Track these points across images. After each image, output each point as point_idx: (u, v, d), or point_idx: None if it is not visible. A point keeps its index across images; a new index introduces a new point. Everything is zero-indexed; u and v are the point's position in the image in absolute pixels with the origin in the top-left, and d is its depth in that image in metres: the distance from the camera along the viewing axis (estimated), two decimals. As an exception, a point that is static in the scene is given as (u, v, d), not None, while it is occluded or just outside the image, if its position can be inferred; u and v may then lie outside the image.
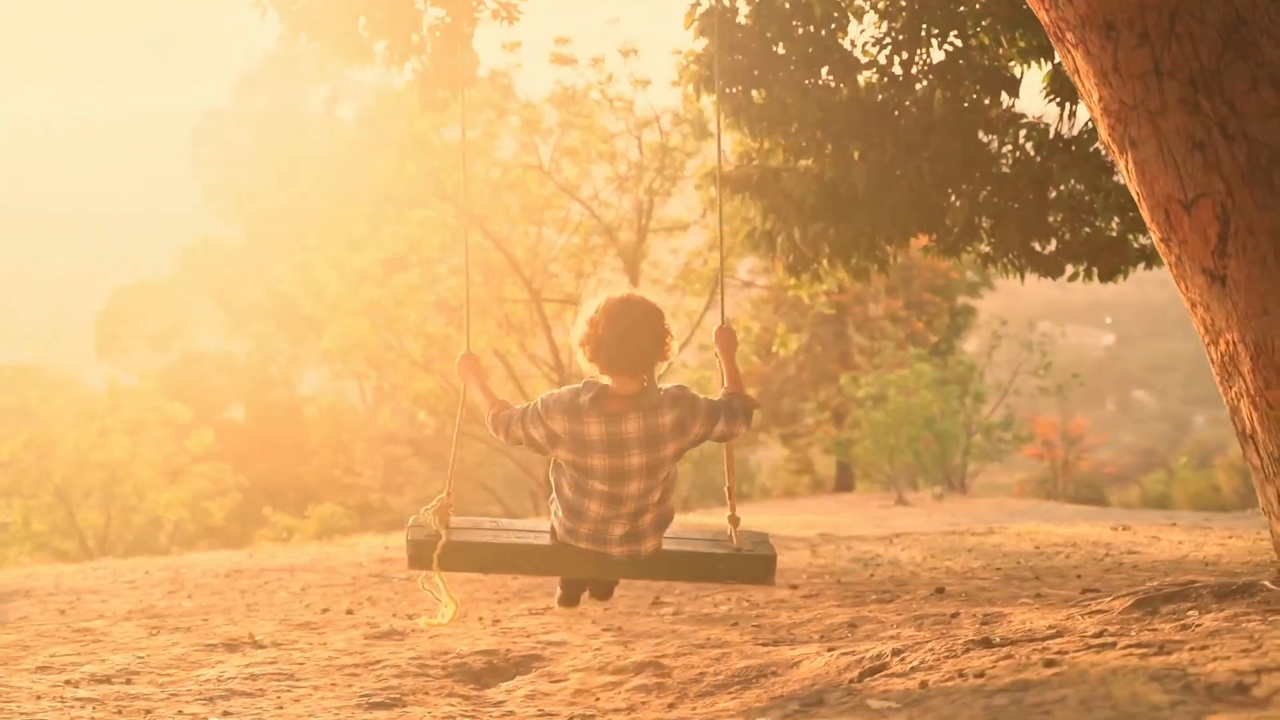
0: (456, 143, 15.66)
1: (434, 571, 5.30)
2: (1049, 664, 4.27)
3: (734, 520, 5.48)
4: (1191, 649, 4.25)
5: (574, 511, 5.19)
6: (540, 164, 15.79)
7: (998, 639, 5.64)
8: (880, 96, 10.63)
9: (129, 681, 5.78)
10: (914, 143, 10.40)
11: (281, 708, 5.33)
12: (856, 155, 10.48)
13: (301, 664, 6.22)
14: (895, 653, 5.81)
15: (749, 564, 5.38)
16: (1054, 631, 5.99)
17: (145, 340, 53.68)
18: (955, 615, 6.80)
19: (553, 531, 5.34)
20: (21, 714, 5.03)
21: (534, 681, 6.07)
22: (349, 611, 8.24)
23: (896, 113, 10.53)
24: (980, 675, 4.44)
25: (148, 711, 5.12)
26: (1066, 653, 4.64)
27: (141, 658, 6.28)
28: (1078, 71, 6.22)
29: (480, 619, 7.62)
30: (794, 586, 8.98)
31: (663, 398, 5.04)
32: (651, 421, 5.01)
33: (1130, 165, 6.13)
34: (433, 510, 5.32)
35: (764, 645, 6.49)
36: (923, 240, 11.51)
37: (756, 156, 10.68)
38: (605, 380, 5.02)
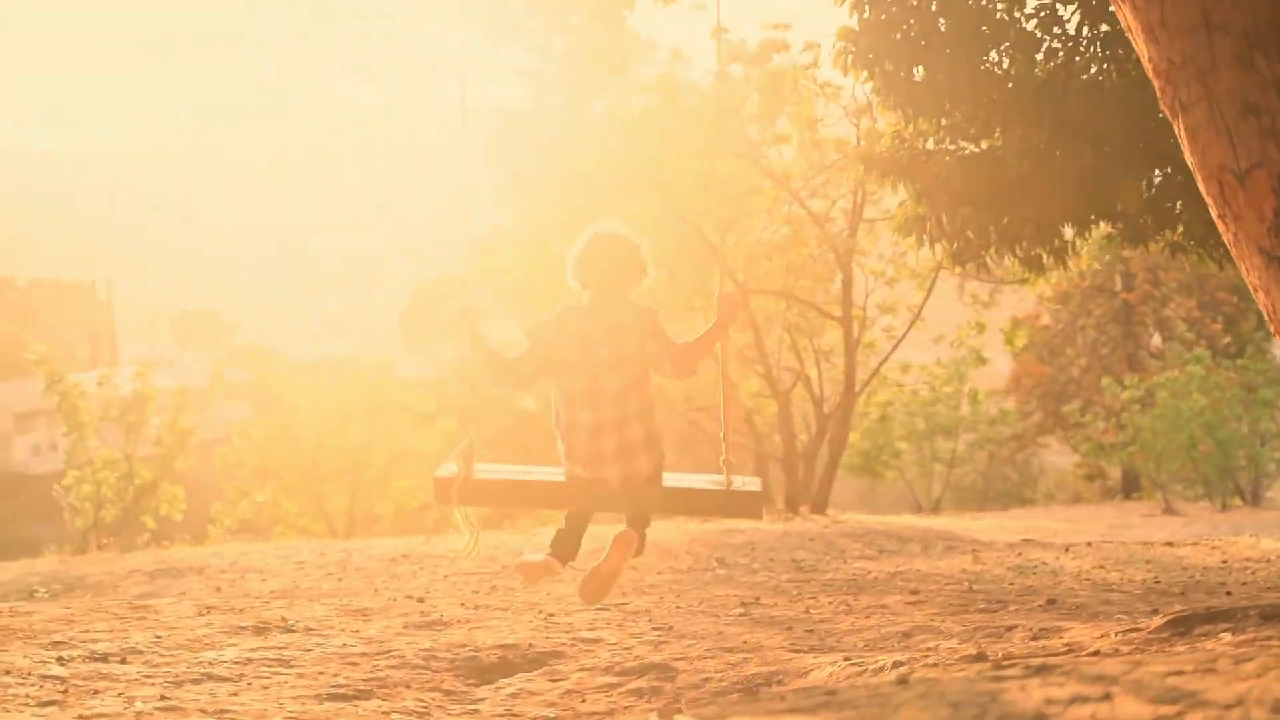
0: (659, 130, 15.53)
1: (455, 505, 5.72)
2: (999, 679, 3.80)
3: (728, 464, 5.70)
4: (1128, 675, 3.71)
5: (569, 429, 5.57)
6: (746, 152, 15.46)
7: (996, 656, 5.15)
8: (1045, 73, 9.95)
9: (123, 660, 5.79)
10: (1076, 121, 9.68)
11: (235, 695, 5.24)
12: (1016, 136, 9.83)
13: (309, 650, 6.14)
14: (895, 664, 5.39)
15: (736, 499, 5.68)
16: (1065, 648, 5.45)
17: (445, 331, 55.23)
18: (1012, 628, 6.28)
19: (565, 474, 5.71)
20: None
21: (531, 680, 5.85)
22: (420, 599, 8.13)
23: (1061, 91, 9.81)
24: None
25: (95, 693, 5.09)
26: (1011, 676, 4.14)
27: (159, 637, 6.30)
28: (1130, 29, 5.61)
29: (540, 611, 7.40)
30: (914, 592, 8.48)
31: (626, 303, 5.57)
32: (617, 318, 5.53)
33: (1181, 132, 5.50)
34: (459, 453, 5.73)
35: (794, 652, 6.11)
36: (1105, 229, 10.74)
37: (909, 138, 10.12)
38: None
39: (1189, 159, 5.48)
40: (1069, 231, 10.53)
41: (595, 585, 5.73)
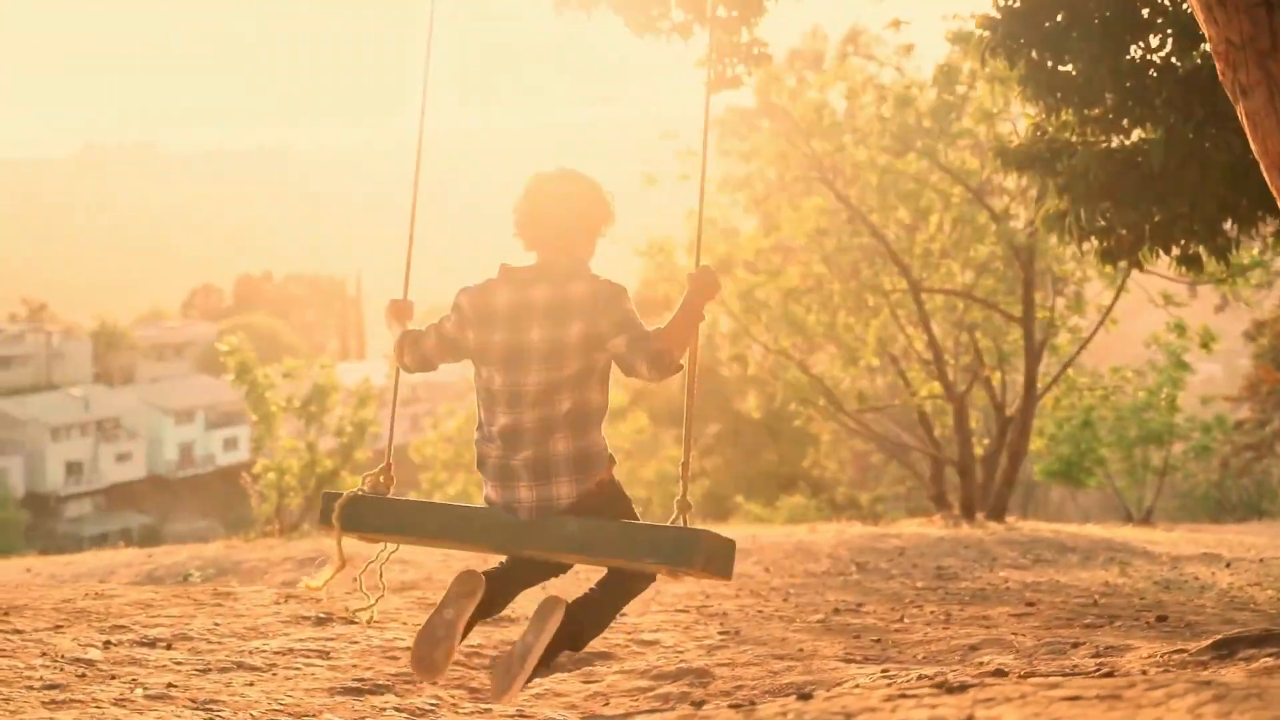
0: (833, 125, 15.22)
1: (334, 527, 4.88)
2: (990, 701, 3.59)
3: (683, 505, 4.41)
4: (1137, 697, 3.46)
5: (484, 434, 4.56)
6: (924, 147, 15.03)
7: (1022, 673, 4.88)
8: (1196, 60, 9.41)
9: (169, 646, 5.89)
10: (1228, 111, 9.12)
11: (250, 685, 5.28)
12: (1163, 127, 9.32)
13: (355, 643, 6.16)
14: (921, 678, 5.14)
15: (674, 543, 4.27)
16: (1076, 668, 5.13)
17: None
18: (1076, 645, 5.93)
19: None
20: (24, 669, 5.21)
21: (565, 681, 5.76)
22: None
23: (1209, 79, 9.26)
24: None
25: (112, 678, 5.19)
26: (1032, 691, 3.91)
27: (216, 624, 6.39)
28: (1193, 6, 5.24)
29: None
30: (1029, 604, 8.10)
31: (581, 271, 4.49)
32: (561, 291, 4.43)
33: (1243, 118, 5.11)
34: (370, 476, 4.93)
35: (844, 662, 5.90)
36: (1273, 224, 10.11)
37: (1048, 130, 9.69)
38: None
39: (1253, 147, 5.10)
40: (1231, 227, 9.97)
41: (502, 675, 4.48)
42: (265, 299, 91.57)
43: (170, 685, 5.05)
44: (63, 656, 5.47)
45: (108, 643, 5.84)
